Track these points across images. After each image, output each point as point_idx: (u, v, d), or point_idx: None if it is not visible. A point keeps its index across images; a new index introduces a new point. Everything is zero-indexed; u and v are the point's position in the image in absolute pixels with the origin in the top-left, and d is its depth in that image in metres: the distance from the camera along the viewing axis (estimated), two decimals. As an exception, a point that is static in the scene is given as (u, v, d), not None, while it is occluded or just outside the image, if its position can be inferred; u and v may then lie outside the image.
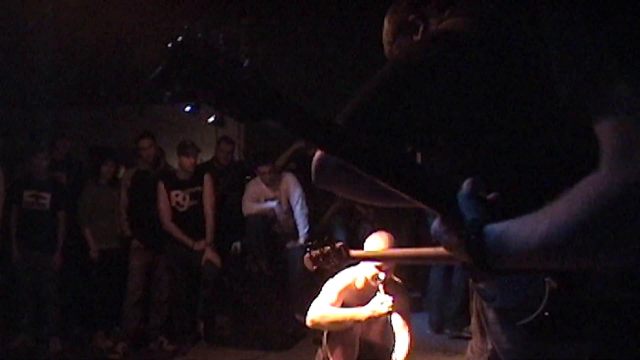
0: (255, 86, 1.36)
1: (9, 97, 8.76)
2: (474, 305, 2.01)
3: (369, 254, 4.21)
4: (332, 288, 4.53)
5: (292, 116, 1.44)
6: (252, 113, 1.38)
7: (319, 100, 9.53)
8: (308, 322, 4.48)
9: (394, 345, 4.58)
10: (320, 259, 3.73)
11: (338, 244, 3.71)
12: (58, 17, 7.98)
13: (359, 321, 4.37)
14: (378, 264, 4.41)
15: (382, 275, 4.38)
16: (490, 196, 1.46)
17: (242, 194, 8.00)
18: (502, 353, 1.93)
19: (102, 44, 9.00)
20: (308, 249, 3.77)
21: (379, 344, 4.76)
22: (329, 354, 4.58)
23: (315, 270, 3.76)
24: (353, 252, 3.70)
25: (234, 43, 1.34)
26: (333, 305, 4.46)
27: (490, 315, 1.91)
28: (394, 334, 4.50)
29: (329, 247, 3.71)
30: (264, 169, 7.75)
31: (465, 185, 1.44)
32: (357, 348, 4.56)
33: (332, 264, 3.74)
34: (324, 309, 4.43)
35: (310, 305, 4.59)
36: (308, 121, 1.46)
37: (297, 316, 7.50)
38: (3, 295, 7.42)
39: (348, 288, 4.54)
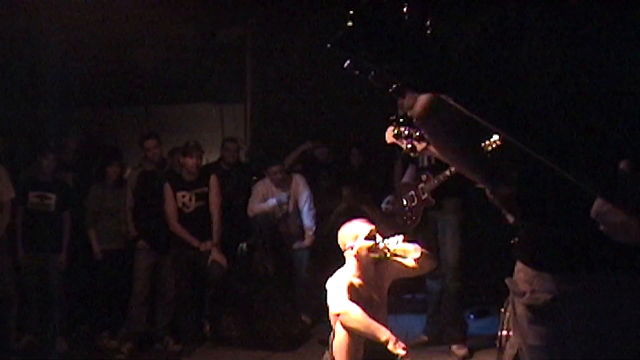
0: (437, 57, 1.28)
1: (15, 97, 8.78)
2: (510, 301, 2.04)
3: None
4: (340, 283, 4.53)
5: (468, 93, 1.34)
6: (431, 84, 1.31)
7: (324, 98, 9.56)
8: (337, 309, 4.45)
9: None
10: (402, 135, 3.76)
11: (423, 131, 3.75)
12: (64, 18, 7.99)
13: (376, 339, 4.36)
14: (362, 238, 4.40)
15: (379, 239, 4.40)
16: None
17: (248, 194, 7.99)
18: (527, 349, 1.95)
19: (109, 44, 9.01)
20: (394, 122, 3.81)
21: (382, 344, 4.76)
22: (335, 355, 4.58)
23: (392, 144, 3.77)
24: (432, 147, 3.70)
25: (418, 10, 1.26)
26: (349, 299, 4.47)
27: (519, 310, 1.95)
28: None
29: (414, 129, 3.74)
30: (275, 169, 7.75)
31: (624, 165, 1.38)
32: (361, 351, 4.56)
33: (409, 145, 3.76)
34: (351, 306, 4.42)
35: (315, 305, 4.59)
36: (484, 101, 1.36)
37: (303, 317, 7.51)
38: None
39: (350, 285, 4.55)
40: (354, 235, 4.52)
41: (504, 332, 4.01)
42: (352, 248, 4.54)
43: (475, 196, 6.11)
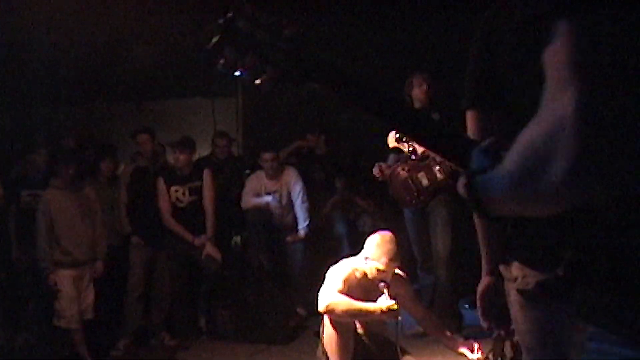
0: (294, 52, 1.58)
1: (4, 94, 8.73)
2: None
3: None
4: (337, 275, 4.56)
5: (328, 77, 1.61)
6: (293, 76, 1.59)
7: (316, 90, 9.55)
8: (322, 307, 4.49)
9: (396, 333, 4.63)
10: (404, 139, 3.86)
11: None
12: (55, 14, 7.95)
13: (372, 316, 4.39)
14: (380, 267, 4.45)
15: (387, 278, 4.44)
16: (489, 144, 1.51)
17: (242, 188, 7.99)
18: (519, 333, 1.99)
19: (100, 40, 8.98)
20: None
21: (380, 334, 4.79)
22: (325, 347, 4.60)
23: (394, 148, 3.88)
24: None
25: (276, 16, 1.58)
26: (340, 292, 4.48)
27: (512, 295, 1.99)
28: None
29: None
30: (267, 156, 7.74)
31: (485, 141, 1.52)
32: (352, 341, 4.58)
33: (410, 148, 3.86)
34: (337, 296, 4.44)
35: (311, 298, 4.62)
36: (343, 80, 1.62)
37: (299, 309, 7.51)
38: (4, 295, 7.39)
39: (350, 277, 4.57)
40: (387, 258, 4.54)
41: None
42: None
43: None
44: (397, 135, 4.07)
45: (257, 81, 1.59)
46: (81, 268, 6.88)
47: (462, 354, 4.44)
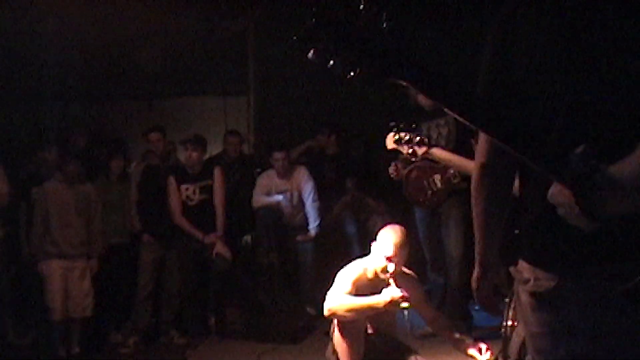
0: (390, 47, 1.50)
1: (16, 92, 8.75)
2: (514, 289, 2.08)
3: (446, 156, 4.37)
4: (346, 277, 4.54)
5: (420, 77, 1.57)
6: (384, 71, 1.51)
7: (327, 90, 9.55)
8: (325, 311, 4.48)
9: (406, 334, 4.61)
10: (403, 141, 3.85)
11: (423, 136, 3.83)
12: (66, 12, 7.97)
13: (376, 309, 4.36)
14: (389, 254, 4.43)
15: (390, 267, 4.39)
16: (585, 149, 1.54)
17: (252, 187, 7.99)
18: (530, 337, 1.97)
19: (111, 38, 8.99)
20: (394, 128, 3.91)
21: (390, 334, 4.77)
22: (336, 347, 4.59)
23: (392, 150, 3.90)
24: (434, 150, 3.89)
25: (375, 6, 1.47)
26: (348, 293, 4.46)
27: (523, 298, 1.97)
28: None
29: (414, 134, 3.85)
30: (278, 155, 7.74)
31: (581, 147, 1.55)
32: (363, 341, 4.57)
33: (410, 150, 3.87)
34: (340, 297, 4.43)
35: (321, 297, 4.60)
36: (435, 83, 1.58)
37: (308, 309, 7.51)
38: (14, 292, 7.41)
39: (360, 278, 4.55)
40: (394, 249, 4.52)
41: (509, 322, 4.00)
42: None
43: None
44: (396, 137, 4.03)
45: (351, 74, 1.51)
46: (71, 261, 6.89)
47: (471, 356, 4.41)
